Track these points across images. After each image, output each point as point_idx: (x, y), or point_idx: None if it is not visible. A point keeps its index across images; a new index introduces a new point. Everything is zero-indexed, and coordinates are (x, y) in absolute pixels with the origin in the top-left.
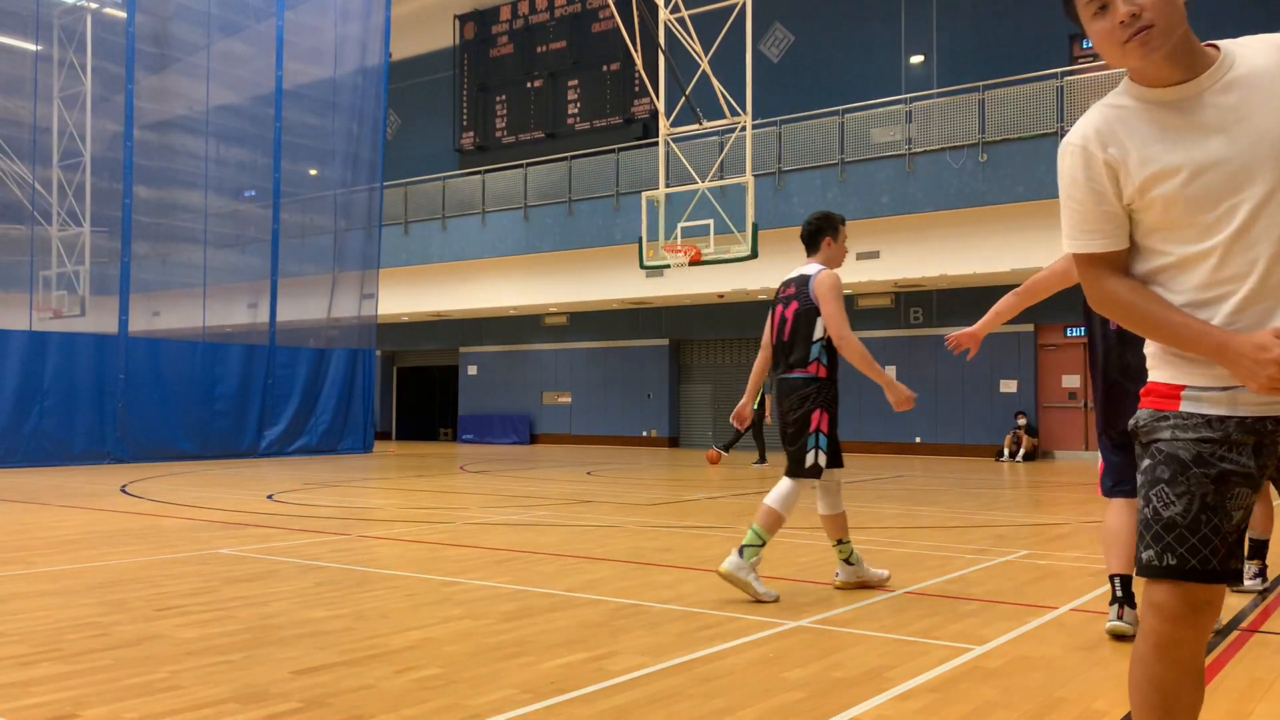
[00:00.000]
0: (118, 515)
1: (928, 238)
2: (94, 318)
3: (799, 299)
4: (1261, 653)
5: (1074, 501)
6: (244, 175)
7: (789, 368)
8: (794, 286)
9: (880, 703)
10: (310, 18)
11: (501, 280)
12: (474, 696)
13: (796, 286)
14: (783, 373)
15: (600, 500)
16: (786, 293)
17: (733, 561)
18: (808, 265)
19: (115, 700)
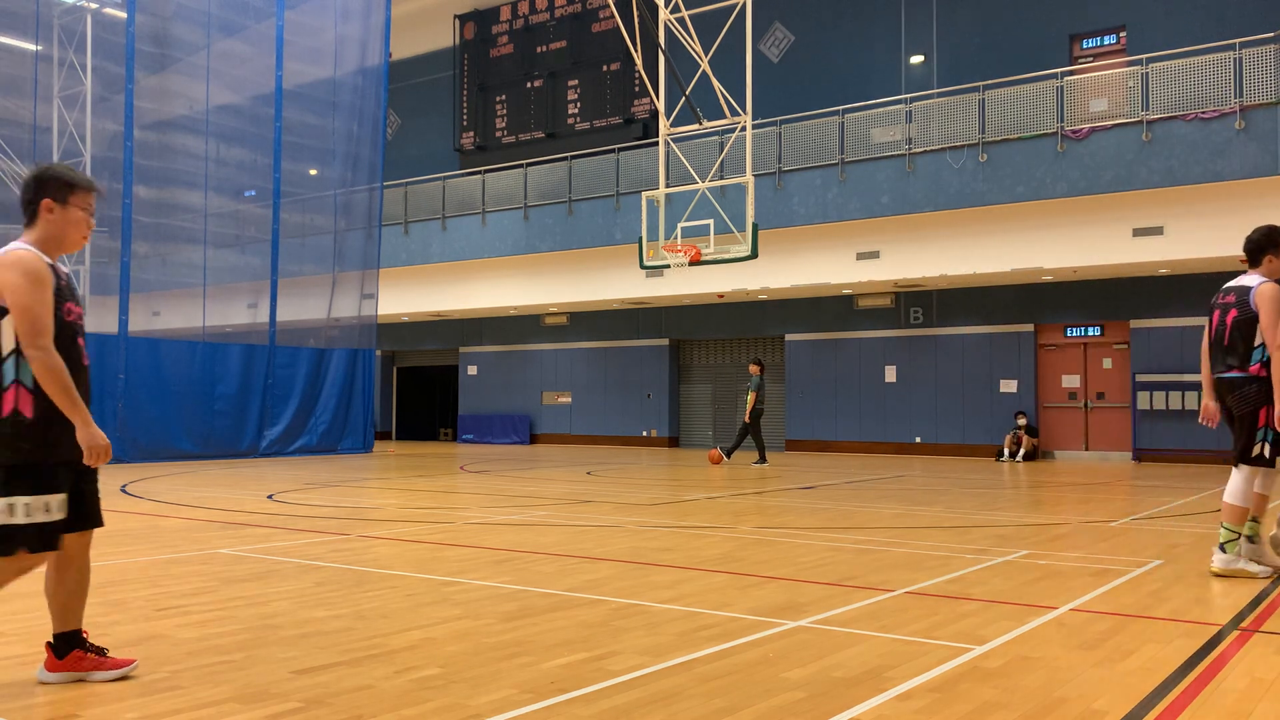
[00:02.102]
0: (118, 515)
1: (928, 238)
2: (94, 318)
3: (1238, 307)
4: (1262, 653)
5: (1074, 501)
6: (244, 175)
7: (1228, 368)
8: (1234, 295)
9: (880, 703)
10: (310, 18)
11: (501, 280)
12: (474, 696)
13: (1237, 295)
14: (1222, 371)
15: (600, 500)
16: (1225, 300)
17: (1221, 559)
18: (1249, 276)
19: (115, 700)
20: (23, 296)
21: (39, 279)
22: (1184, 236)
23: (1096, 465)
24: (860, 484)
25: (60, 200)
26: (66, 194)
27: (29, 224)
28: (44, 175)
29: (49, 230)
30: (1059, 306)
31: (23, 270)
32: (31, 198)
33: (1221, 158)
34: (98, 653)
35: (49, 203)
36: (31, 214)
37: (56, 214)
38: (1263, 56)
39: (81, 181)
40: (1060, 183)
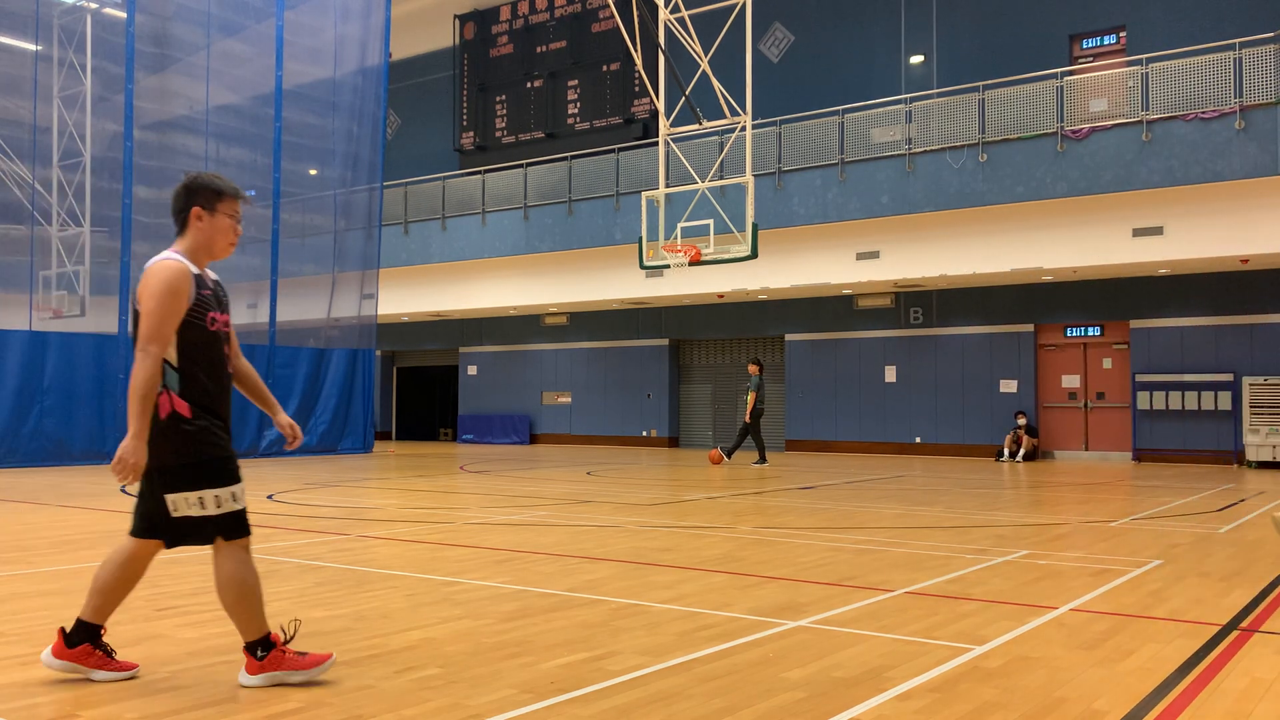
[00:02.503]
0: (118, 515)
1: (928, 238)
2: (94, 318)
3: None
4: (1262, 653)
5: (1074, 501)
6: (244, 175)
7: None
8: None
9: (880, 703)
10: (310, 18)
11: (501, 280)
12: (474, 696)
13: None
14: None
15: (600, 500)
16: None
17: None
18: None
19: (115, 700)
20: (150, 303)
21: (174, 291)
22: (1184, 236)
23: (1096, 465)
24: (860, 484)
25: (209, 208)
26: (215, 202)
27: (180, 232)
28: (194, 184)
29: (198, 238)
30: (1059, 306)
31: (162, 279)
32: (182, 206)
33: (1221, 158)
34: (105, 653)
35: (199, 210)
36: (182, 222)
37: (205, 222)
38: (1263, 56)
39: (229, 189)
40: (1060, 183)
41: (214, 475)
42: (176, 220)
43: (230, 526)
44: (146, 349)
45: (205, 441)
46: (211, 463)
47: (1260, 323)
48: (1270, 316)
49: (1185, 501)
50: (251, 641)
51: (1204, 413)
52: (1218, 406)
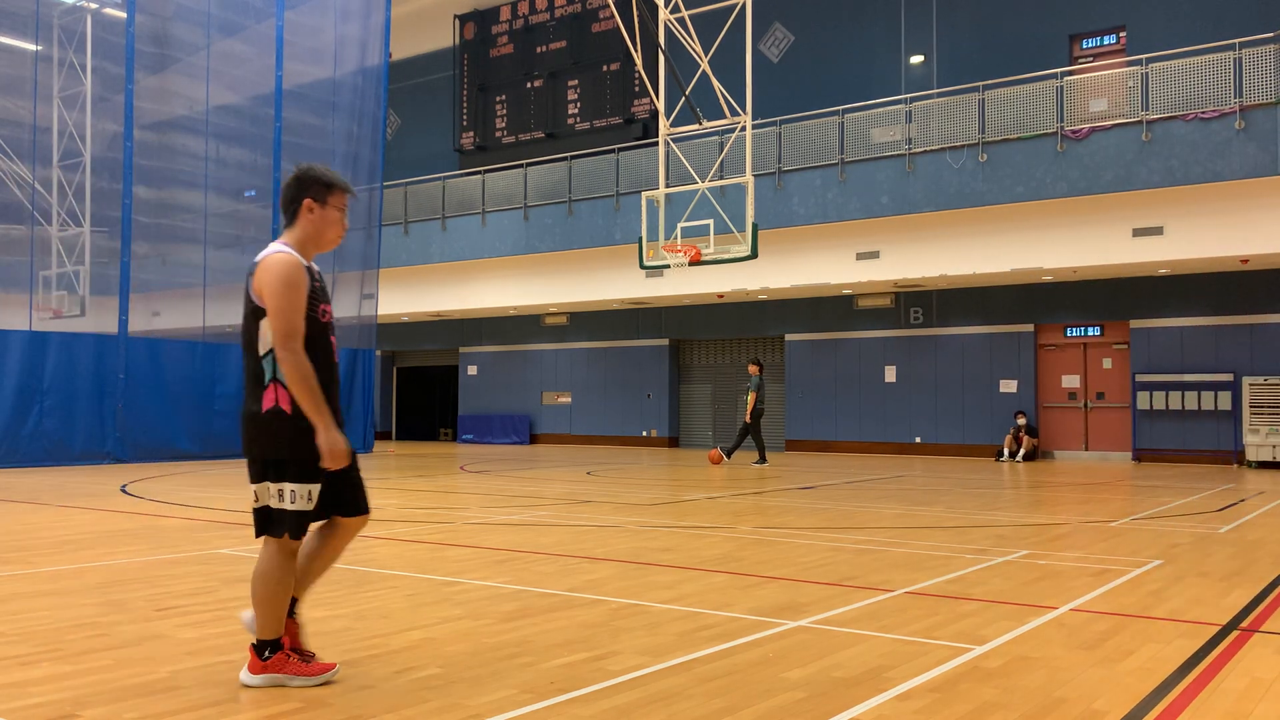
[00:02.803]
0: (118, 515)
1: (928, 238)
2: (94, 318)
3: None
4: (1262, 653)
5: (1074, 501)
6: (244, 175)
7: None
8: None
9: (880, 703)
10: (310, 18)
11: (501, 280)
12: (474, 696)
13: None
14: None
15: (600, 500)
16: None
17: None
18: None
19: (115, 700)
20: (278, 299)
21: (294, 282)
22: (1184, 236)
23: (1096, 465)
24: (860, 484)
25: (320, 200)
26: (326, 194)
27: (289, 224)
28: (306, 176)
29: (308, 230)
30: (1059, 306)
31: (280, 273)
32: (293, 197)
33: (1221, 158)
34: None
35: (310, 202)
36: (293, 214)
37: (316, 214)
38: (1262, 56)
39: (339, 182)
40: (1060, 183)
41: (300, 470)
42: (286, 211)
43: (295, 525)
44: (288, 345)
45: (300, 437)
46: (300, 459)
47: (1260, 323)
48: (1270, 316)
49: (1185, 501)
50: (262, 641)
51: (1204, 413)
52: (1218, 406)
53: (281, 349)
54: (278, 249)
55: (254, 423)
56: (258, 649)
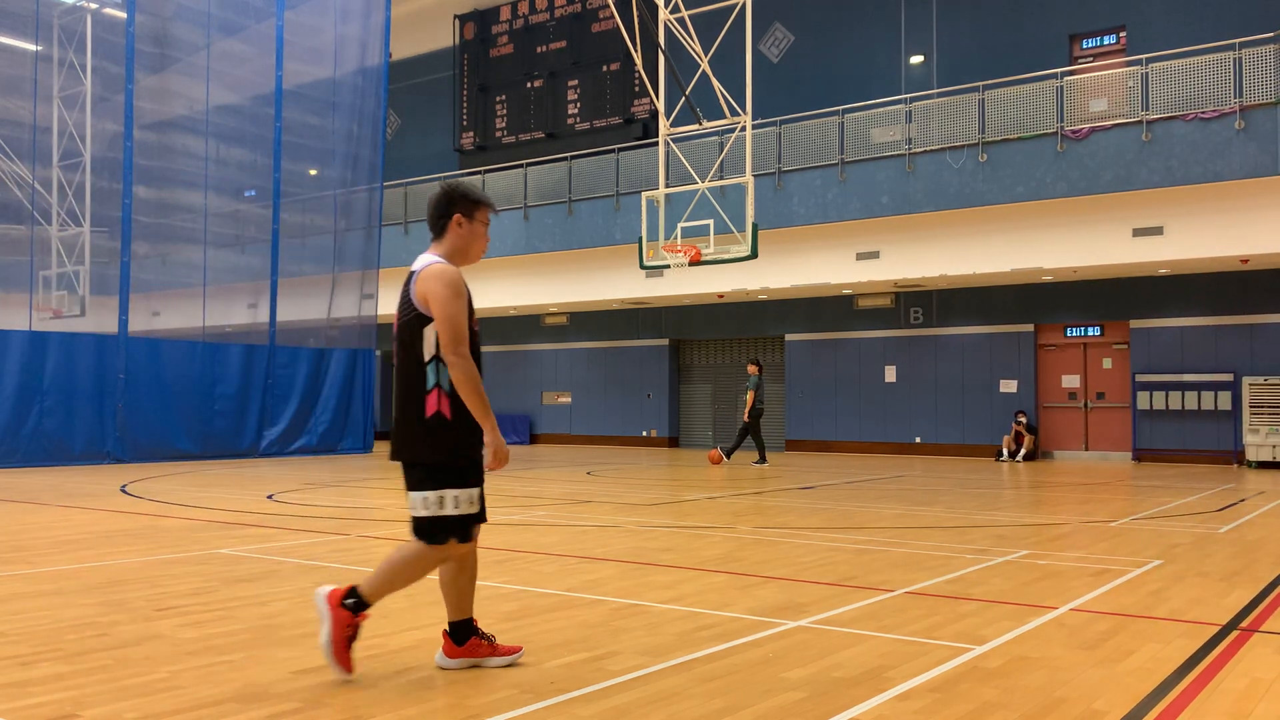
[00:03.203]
0: (118, 515)
1: (928, 238)
2: (94, 318)
3: None
4: (1262, 653)
5: (1074, 501)
6: (244, 175)
7: None
8: None
9: (880, 703)
10: (310, 18)
11: (501, 280)
12: (474, 696)
13: None
14: None
15: (600, 500)
16: None
17: None
18: None
19: (115, 700)
20: (447, 306)
21: (460, 291)
22: (1184, 236)
23: (1096, 465)
24: (860, 484)
25: (468, 215)
26: (473, 210)
27: (438, 237)
28: (454, 192)
29: (456, 243)
30: (1059, 306)
31: (446, 281)
32: (443, 213)
33: (1221, 158)
34: (489, 640)
35: (459, 218)
36: (441, 228)
37: (465, 228)
38: (1263, 56)
39: (485, 199)
40: (1060, 183)
41: (461, 475)
42: (435, 226)
43: (462, 530)
44: (458, 350)
45: (461, 443)
46: (461, 465)
47: (1260, 323)
48: (1270, 316)
49: (1185, 501)
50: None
51: (1204, 413)
52: (1218, 406)
53: (452, 354)
54: (435, 259)
55: (415, 428)
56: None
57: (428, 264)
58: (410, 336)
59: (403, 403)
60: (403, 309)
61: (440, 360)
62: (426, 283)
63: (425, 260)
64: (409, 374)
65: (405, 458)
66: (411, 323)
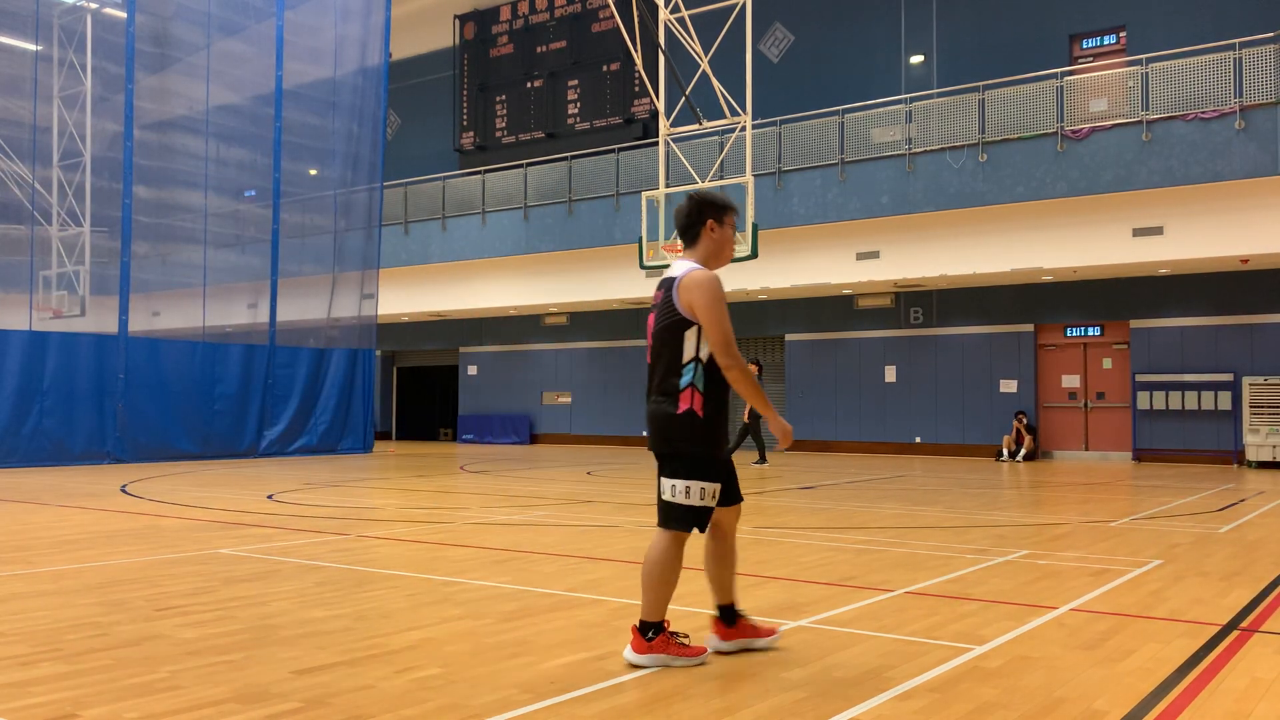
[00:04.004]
0: (118, 515)
1: (928, 238)
2: (94, 318)
3: None
4: (1262, 653)
5: (1074, 501)
6: (244, 175)
7: None
8: None
9: (880, 703)
10: (310, 18)
11: (501, 280)
12: (474, 696)
13: None
14: None
15: (600, 500)
16: None
17: None
18: None
19: (115, 700)
20: (713, 311)
21: (721, 298)
22: (1184, 236)
23: (1096, 465)
24: (860, 484)
25: (719, 221)
26: (722, 215)
27: (691, 244)
28: (705, 200)
29: (710, 249)
30: (1059, 306)
31: (714, 288)
32: (695, 220)
33: (1221, 158)
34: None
35: (712, 224)
36: (694, 235)
37: (717, 233)
38: (1263, 56)
39: (731, 205)
40: (1060, 183)
41: (706, 470)
42: (687, 234)
43: (700, 521)
44: (729, 352)
45: (710, 438)
46: (709, 459)
47: (1260, 323)
48: (1270, 316)
49: (1185, 501)
50: (646, 622)
51: (1204, 413)
52: (1218, 406)
53: (725, 355)
54: (694, 266)
55: (668, 422)
56: (641, 630)
57: (688, 270)
58: (671, 339)
59: (657, 400)
60: (663, 313)
61: (698, 361)
62: (691, 290)
63: (685, 267)
64: (665, 374)
65: (662, 449)
66: (673, 326)
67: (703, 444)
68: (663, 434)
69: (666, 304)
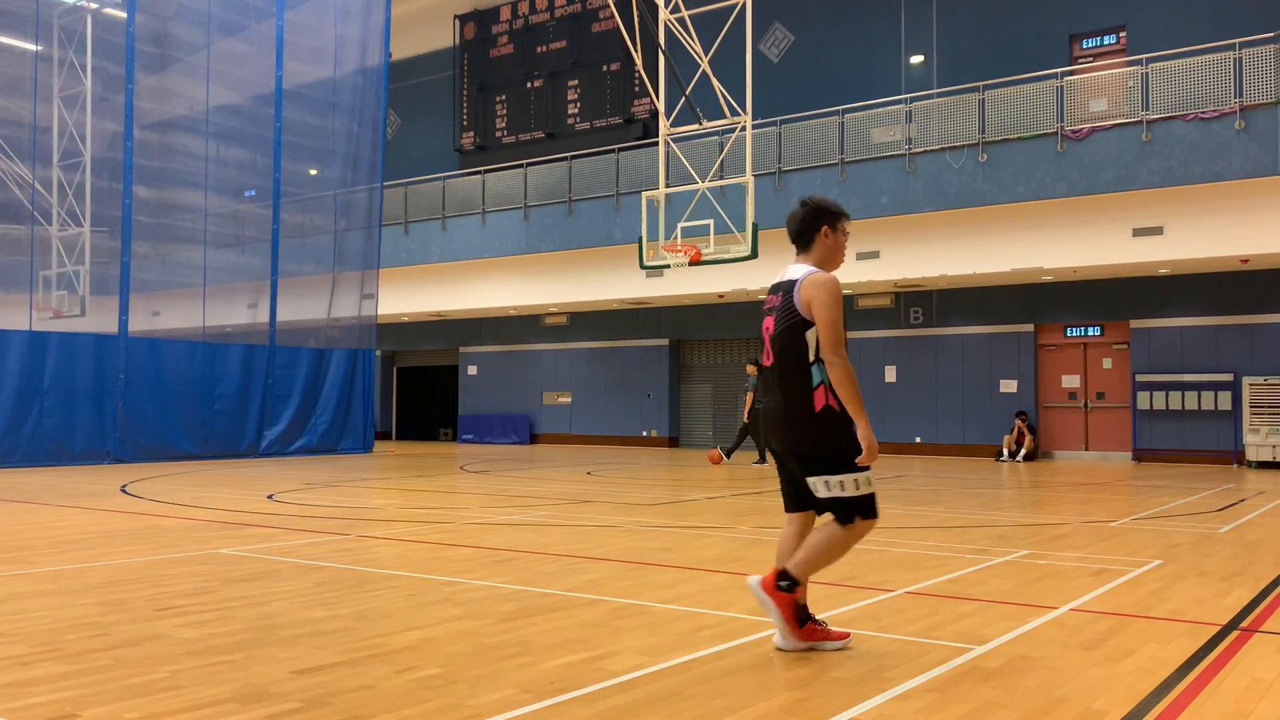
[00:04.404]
0: (118, 515)
1: (928, 238)
2: (94, 318)
3: None
4: (1262, 653)
5: (1074, 501)
6: (244, 175)
7: None
8: None
9: (880, 703)
10: (310, 18)
11: (501, 280)
12: (474, 696)
13: None
14: None
15: (600, 500)
16: None
17: None
18: None
19: (115, 700)
20: (829, 311)
21: (840, 300)
22: (1184, 236)
23: (1096, 465)
24: None
25: (834, 227)
26: (837, 221)
27: (805, 249)
28: (820, 207)
29: (823, 253)
30: (1059, 306)
31: (832, 291)
32: (810, 226)
33: (1221, 158)
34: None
35: (826, 230)
36: (809, 240)
37: (830, 239)
38: (1263, 56)
39: (844, 212)
40: (1060, 183)
41: (854, 462)
42: (802, 239)
43: (867, 507)
44: (838, 352)
45: (849, 430)
46: (853, 451)
47: (1260, 323)
48: (1270, 316)
49: (1185, 501)
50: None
51: (1204, 413)
52: (1218, 406)
53: (832, 354)
54: (814, 269)
55: (809, 421)
56: (779, 576)
57: (809, 273)
58: (793, 340)
59: (787, 401)
60: (783, 315)
61: (820, 360)
62: (811, 290)
63: (804, 269)
64: (792, 374)
65: (803, 450)
66: (795, 327)
67: (845, 437)
68: (803, 433)
69: (786, 306)
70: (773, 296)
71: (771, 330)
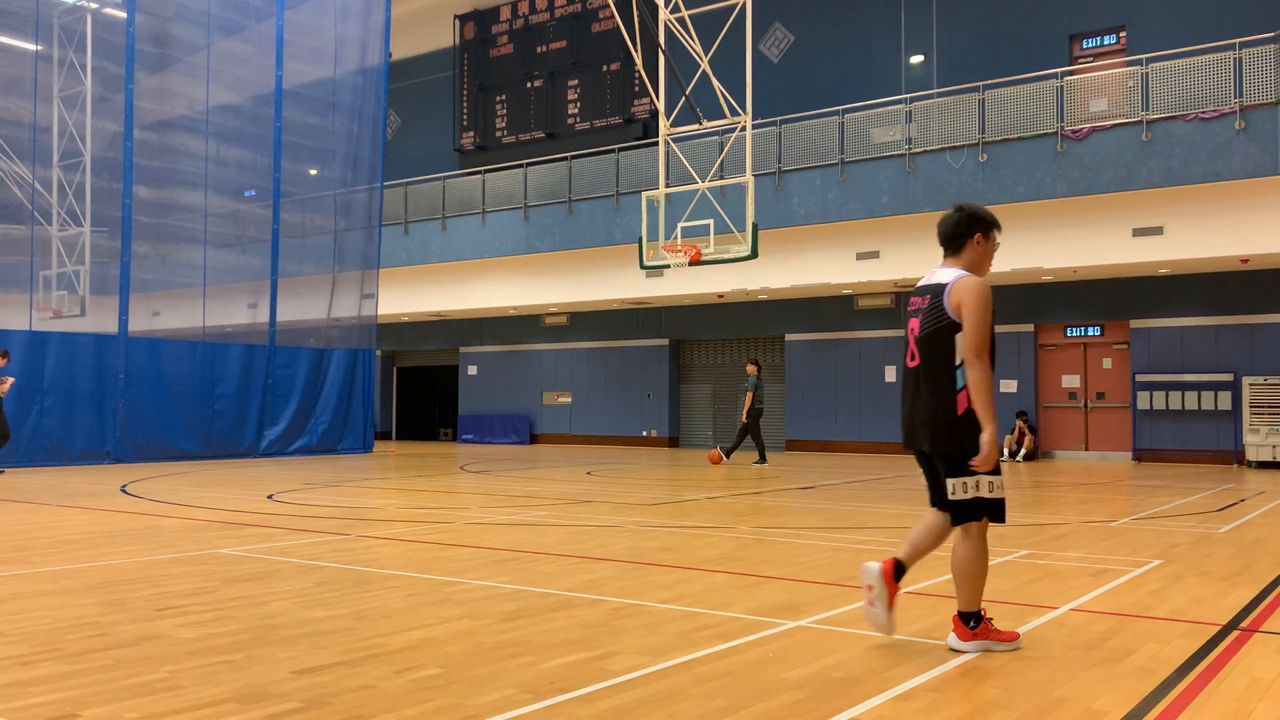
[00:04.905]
0: (118, 515)
1: (928, 238)
2: (94, 318)
3: None
4: (1262, 653)
5: (1074, 501)
6: (244, 175)
7: None
8: None
9: (880, 703)
10: (310, 18)
11: (501, 280)
12: (474, 696)
13: None
14: None
15: (600, 500)
16: None
17: None
18: None
19: (115, 700)
20: (978, 316)
21: (990, 307)
22: (1184, 236)
23: (1096, 465)
24: (860, 484)
25: (985, 235)
26: (989, 229)
27: (955, 253)
28: (974, 214)
29: (973, 259)
30: (1059, 306)
31: (983, 297)
32: (963, 232)
33: (1221, 158)
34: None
35: (979, 237)
36: (960, 245)
37: (981, 246)
38: (1263, 56)
39: (997, 222)
40: (1060, 183)
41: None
42: (952, 244)
43: (996, 510)
44: (979, 355)
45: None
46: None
47: (1260, 323)
48: (1270, 316)
49: (1185, 501)
50: (965, 613)
51: (1204, 413)
52: (1218, 406)
53: (974, 357)
54: (964, 274)
55: (954, 424)
56: (964, 619)
57: (959, 277)
58: (940, 342)
59: (930, 401)
60: (930, 317)
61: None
62: (962, 293)
63: (953, 274)
64: (937, 376)
65: (945, 451)
66: (943, 330)
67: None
68: (947, 436)
69: (935, 309)
70: (918, 299)
71: (917, 332)
